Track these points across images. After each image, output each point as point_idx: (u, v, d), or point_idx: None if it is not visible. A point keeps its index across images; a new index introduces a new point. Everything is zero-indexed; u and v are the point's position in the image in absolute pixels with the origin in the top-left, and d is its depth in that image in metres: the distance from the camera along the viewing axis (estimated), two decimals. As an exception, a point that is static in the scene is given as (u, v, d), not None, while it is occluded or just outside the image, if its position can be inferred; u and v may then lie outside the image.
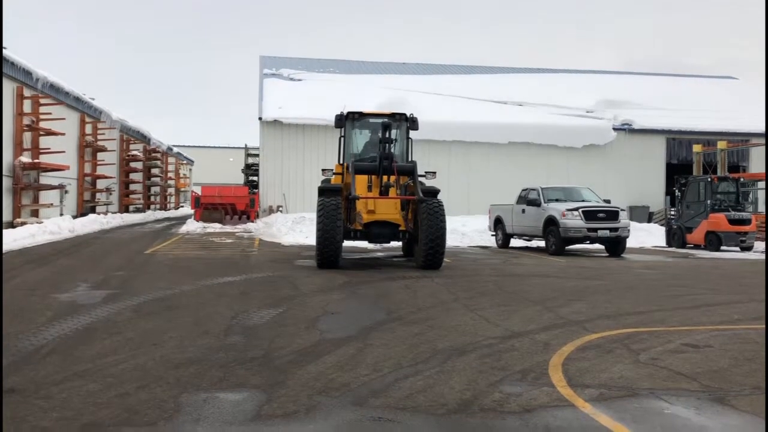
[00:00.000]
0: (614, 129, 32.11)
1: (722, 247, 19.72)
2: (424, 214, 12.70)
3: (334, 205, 12.66)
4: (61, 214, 25.57)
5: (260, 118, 29.92)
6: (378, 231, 13.59)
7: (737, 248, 19.89)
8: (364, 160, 14.08)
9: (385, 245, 17.30)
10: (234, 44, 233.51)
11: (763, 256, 18.34)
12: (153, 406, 4.31)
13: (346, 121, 14.50)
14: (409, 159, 14.52)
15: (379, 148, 13.51)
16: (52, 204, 25.81)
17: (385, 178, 13.46)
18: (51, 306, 8.04)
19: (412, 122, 14.52)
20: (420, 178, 13.55)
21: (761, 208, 28.92)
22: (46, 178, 25.71)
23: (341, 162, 14.56)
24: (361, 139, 15.10)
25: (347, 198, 13.30)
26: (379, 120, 14.23)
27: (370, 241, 14.26)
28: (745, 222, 19.98)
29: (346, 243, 14.36)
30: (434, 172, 14.14)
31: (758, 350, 6.13)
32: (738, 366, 5.55)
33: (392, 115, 14.50)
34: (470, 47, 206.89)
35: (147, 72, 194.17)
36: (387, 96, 30.06)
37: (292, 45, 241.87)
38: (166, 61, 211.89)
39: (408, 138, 14.74)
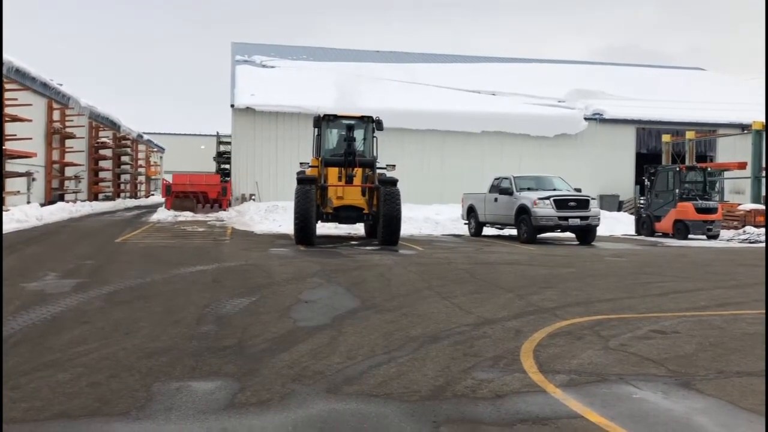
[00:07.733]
0: (585, 119, 32.45)
1: (690, 236, 20.10)
2: (383, 199, 15.28)
3: (309, 190, 15.22)
4: (29, 202, 25.07)
5: (232, 106, 29.56)
6: (346, 214, 16.34)
7: (704, 236, 20.29)
8: (337, 155, 16.42)
9: (358, 234, 18.84)
10: (205, 28, 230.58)
11: (729, 244, 18.76)
12: (125, 396, 4.28)
13: (322, 121, 16.72)
14: (374, 154, 16.71)
15: (345, 146, 16.06)
16: (18, 192, 25.29)
17: (350, 169, 15.97)
18: (19, 295, 7.91)
19: (377, 124, 16.75)
20: (382, 170, 16.30)
21: (727, 197, 29.56)
22: (12, 165, 25.15)
23: (317, 156, 16.71)
24: (334, 136, 17.33)
25: (320, 186, 15.79)
26: (350, 121, 16.60)
27: (339, 222, 16.93)
28: (712, 211, 20.38)
29: (321, 231, 16.39)
30: (394, 165, 16.47)
31: (723, 335, 6.29)
32: (703, 351, 5.68)
33: (361, 118, 16.87)
34: (443, 37, 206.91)
35: (116, 57, 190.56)
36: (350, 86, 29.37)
37: (264, 31, 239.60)
38: (135, 46, 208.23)
39: (374, 137, 16.94)
